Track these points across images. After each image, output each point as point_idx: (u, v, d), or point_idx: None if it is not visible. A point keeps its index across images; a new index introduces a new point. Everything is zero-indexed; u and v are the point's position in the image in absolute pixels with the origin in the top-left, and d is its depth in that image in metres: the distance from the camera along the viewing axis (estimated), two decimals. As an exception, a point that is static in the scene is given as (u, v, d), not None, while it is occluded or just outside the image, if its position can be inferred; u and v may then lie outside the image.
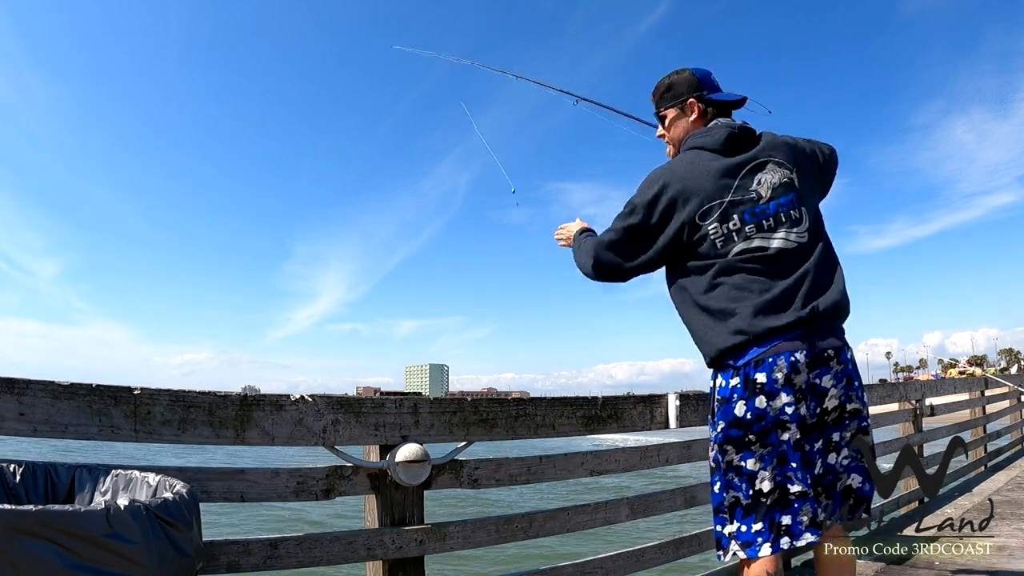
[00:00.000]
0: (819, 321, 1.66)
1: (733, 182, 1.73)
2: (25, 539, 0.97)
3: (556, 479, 2.34)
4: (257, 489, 1.71)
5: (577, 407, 2.34)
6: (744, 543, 1.64)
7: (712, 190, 1.73)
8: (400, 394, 11.42)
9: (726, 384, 1.69)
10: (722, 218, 1.71)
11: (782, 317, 1.64)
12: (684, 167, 1.77)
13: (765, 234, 1.71)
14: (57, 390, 1.44)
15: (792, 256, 1.70)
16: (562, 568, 2.22)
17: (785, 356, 1.62)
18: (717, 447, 1.71)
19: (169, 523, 1.14)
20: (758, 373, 1.63)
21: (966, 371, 70.08)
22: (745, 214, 1.71)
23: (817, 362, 1.64)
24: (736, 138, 1.79)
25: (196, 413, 1.63)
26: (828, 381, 1.66)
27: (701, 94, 1.88)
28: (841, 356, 1.68)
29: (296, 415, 1.77)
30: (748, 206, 1.72)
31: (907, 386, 4.70)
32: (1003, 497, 4.48)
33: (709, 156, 1.78)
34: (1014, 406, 7.01)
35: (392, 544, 1.88)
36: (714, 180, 1.74)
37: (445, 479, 2.02)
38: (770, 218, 1.72)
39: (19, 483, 1.39)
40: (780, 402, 1.61)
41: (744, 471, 1.65)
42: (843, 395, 1.68)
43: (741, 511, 1.66)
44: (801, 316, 1.64)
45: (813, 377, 1.64)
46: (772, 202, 1.73)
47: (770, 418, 1.62)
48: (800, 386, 1.62)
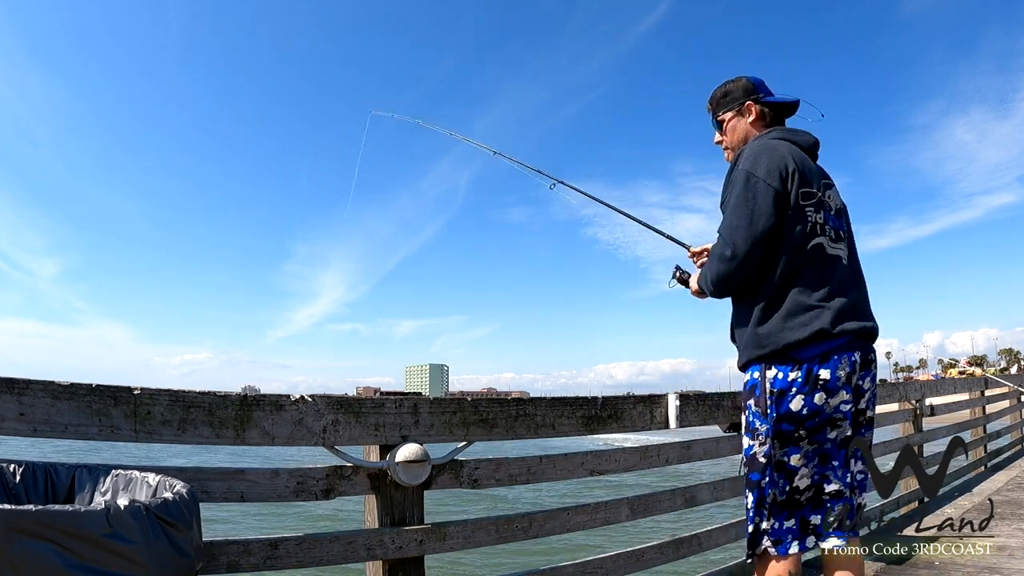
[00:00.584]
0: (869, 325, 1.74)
1: (821, 182, 1.81)
2: (25, 539, 0.97)
3: (556, 479, 2.34)
4: (257, 489, 1.71)
5: (577, 407, 2.34)
6: (776, 540, 1.66)
7: (812, 181, 1.77)
8: (400, 394, 11.42)
9: (784, 377, 1.66)
10: (816, 208, 1.75)
11: (855, 323, 1.69)
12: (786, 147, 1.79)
13: (833, 242, 1.77)
14: (57, 390, 1.44)
15: (848, 273, 1.78)
16: (562, 568, 2.22)
17: (848, 355, 1.66)
18: (769, 441, 1.68)
19: (169, 523, 1.14)
20: (823, 369, 1.63)
21: (966, 371, 70.09)
22: (827, 215, 1.78)
23: (864, 364, 1.72)
24: (815, 146, 1.90)
25: (196, 413, 1.63)
26: (868, 383, 1.75)
27: (758, 96, 1.93)
28: (875, 361, 1.79)
29: (296, 415, 1.77)
30: (826, 210, 1.79)
31: (907, 386, 4.70)
32: (1003, 497, 4.48)
33: (795, 150, 1.81)
34: (1014, 406, 7.01)
35: (392, 544, 1.88)
36: (812, 171, 1.80)
37: (445, 479, 2.02)
38: (835, 231, 1.80)
39: (19, 483, 1.39)
40: (838, 399, 1.64)
41: (786, 466, 1.66)
42: (871, 399, 1.78)
43: (777, 507, 1.66)
44: (866, 326, 1.72)
45: (857, 379, 1.71)
46: (839, 219, 1.82)
47: (824, 415, 1.63)
48: (856, 385, 1.70)
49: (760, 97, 1.93)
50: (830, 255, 1.74)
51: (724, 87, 1.99)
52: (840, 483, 1.66)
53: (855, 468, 1.72)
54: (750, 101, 1.92)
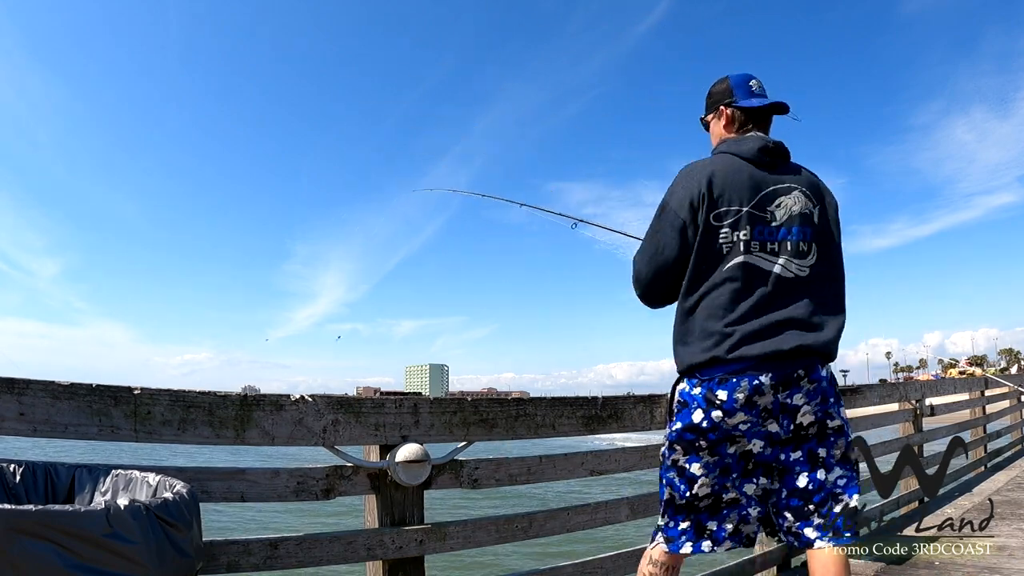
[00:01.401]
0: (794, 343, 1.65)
1: (756, 195, 1.73)
2: (25, 539, 0.97)
3: (556, 479, 2.34)
4: (257, 489, 1.71)
5: (577, 407, 2.34)
6: (668, 538, 1.74)
7: (736, 196, 1.72)
8: (400, 394, 11.43)
9: (689, 390, 1.72)
10: (734, 225, 1.70)
11: (762, 346, 1.64)
12: (713, 166, 1.77)
13: (766, 256, 1.70)
14: (57, 390, 1.44)
15: (787, 286, 1.69)
16: (562, 568, 2.22)
17: (749, 379, 1.64)
18: (668, 444, 1.76)
19: (169, 523, 1.14)
20: (720, 390, 1.65)
21: (966, 371, 70.06)
22: (755, 230, 1.71)
23: (786, 383, 1.65)
24: (768, 151, 1.78)
25: (196, 413, 1.63)
26: (800, 399, 1.67)
27: (731, 100, 1.88)
28: (812, 375, 1.67)
29: (296, 415, 1.77)
30: (760, 224, 1.71)
31: (907, 386, 4.71)
32: (1003, 497, 4.48)
33: (735, 161, 1.77)
34: (1014, 406, 7.01)
35: (392, 544, 1.88)
36: (740, 185, 1.73)
37: (445, 479, 2.02)
38: (776, 243, 1.71)
39: (19, 483, 1.39)
40: (737, 420, 1.66)
41: (687, 473, 1.72)
42: (819, 411, 1.69)
43: (673, 509, 1.74)
44: (781, 350, 1.64)
45: (784, 397, 1.66)
46: (783, 228, 1.72)
47: (723, 430, 1.68)
48: (766, 406, 1.65)
49: (733, 101, 1.88)
50: (760, 271, 1.69)
51: (711, 88, 1.97)
52: (736, 492, 1.72)
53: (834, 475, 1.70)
54: (722, 105, 1.90)
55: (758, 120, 1.87)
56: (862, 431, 3.73)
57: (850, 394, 3.45)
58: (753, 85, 1.89)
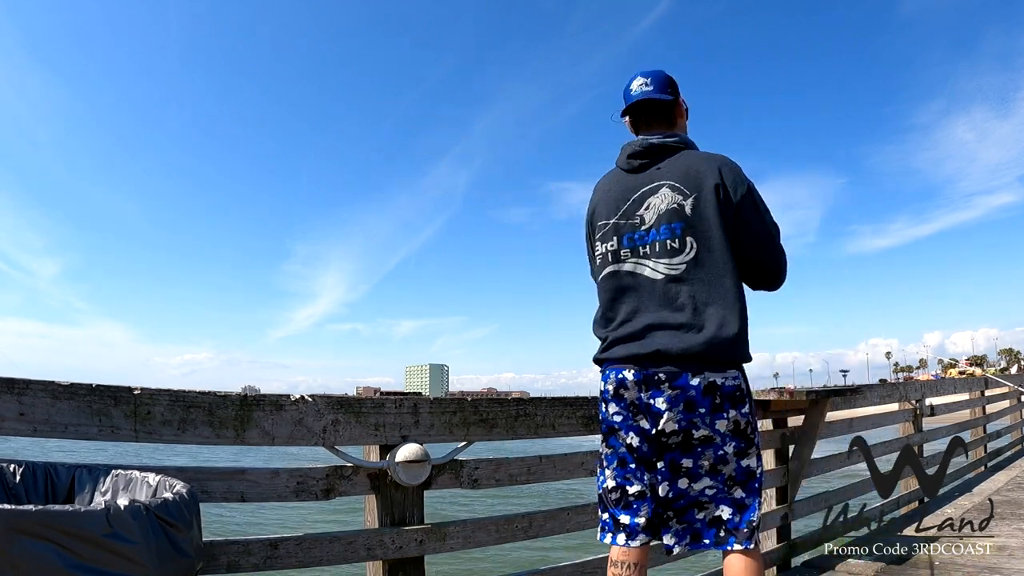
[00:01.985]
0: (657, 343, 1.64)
1: (624, 204, 1.75)
2: (25, 539, 0.97)
3: (556, 479, 2.34)
4: (257, 489, 1.71)
5: (577, 407, 2.34)
6: (600, 528, 1.79)
7: (605, 210, 1.79)
8: (400, 394, 11.42)
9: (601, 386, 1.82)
10: (604, 239, 1.78)
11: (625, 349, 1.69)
12: (597, 186, 1.89)
13: (639, 260, 1.71)
14: (57, 390, 1.44)
15: (657, 289, 1.68)
16: (562, 568, 2.22)
17: (616, 371, 1.72)
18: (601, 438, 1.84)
19: (169, 523, 1.14)
20: (602, 382, 1.78)
21: (966, 371, 69.93)
22: (624, 238, 1.74)
23: (648, 383, 1.65)
24: (638, 155, 1.77)
25: (196, 413, 1.63)
26: (661, 403, 1.63)
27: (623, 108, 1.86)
28: (677, 382, 1.62)
29: (296, 415, 1.77)
30: (629, 231, 1.73)
31: (907, 386, 4.71)
32: (1003, 497, 4.48)
33: (616, 174, 1.83)
34: (1014, 406, 7.01)
35: (392, 544, 1.88)
36: (610, 199, 1.79)
37: (445, 479, 2.02)
38: (647, 245, 1.70)
39: (19, 483, 1.39)
40: (611, 410, 1.74)
41: (601, 466, 1.80)
42: (683, 420, 1.63)
43: (599, 500, 1.80)
44: (639, 354, 1.66)
45: (647, 397, 1.66)
46: (652, 230, 1.70)
47: (608, 422, 1.76)
48: (632, 401, 1.69)
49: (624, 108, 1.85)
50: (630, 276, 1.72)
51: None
52: (640, 484, 1.69)
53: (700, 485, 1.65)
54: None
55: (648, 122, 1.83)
56: (862, 431, 3.73)
57: (850, 394, 3.45)
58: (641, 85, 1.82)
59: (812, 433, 3.17)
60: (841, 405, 3.35)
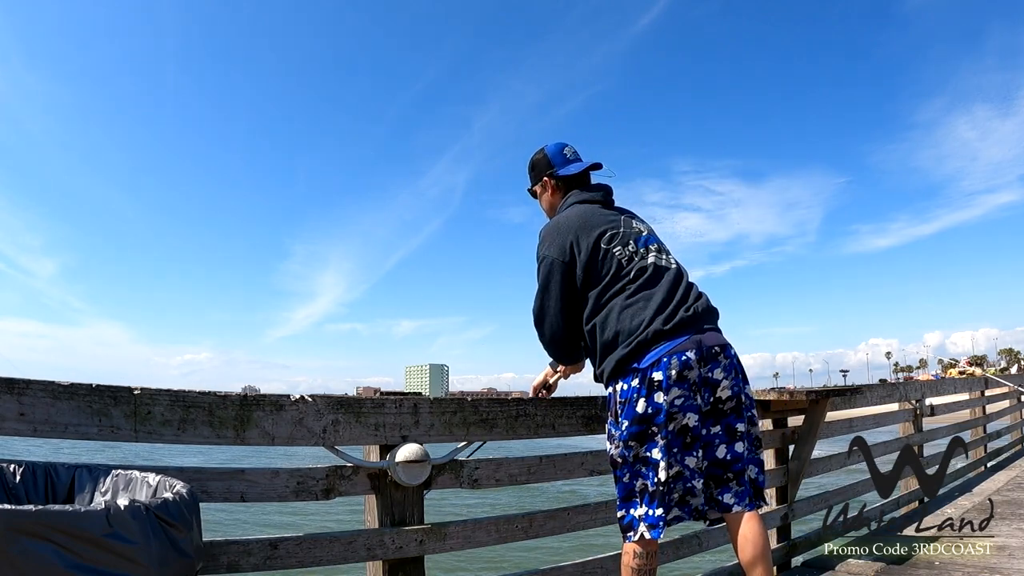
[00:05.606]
0: (701, 322, 1.94)
1: (619, 219, 2.10)
2: (25, 539, 0.97)
3: (556, 479, 2.34)
4: (257, 489, 1.71)
5: (577, 407, 2.34)
6: (651, 525, 1.87)
7: (606, 222, 2.06)
8: (400, 394, 11.40)
9: (628, 387, 1.92)
10: (623, 242, 2.03)
11: (671, 320, 1.90)
12: (576, 213, 2.09)
13: (656, 254, 2.04)
14: (57, 390, 1.44)
15: (668, 273, 2.01)
16: (562, 568, 2.22)
17: (678, 356, 1.87)
18: (622, 444, 1.92)
19: (169, 523, 1.14)
20: (655, 372, 1.87)
21: (966, 371, 69.98)
22: (631, 240, 2.05)
23: (708, 358, 1.91)
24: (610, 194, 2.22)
25: (196, 413, 1.63)
26: (719, 373, 1.92)
27: (552, 171, 2.21)
28: (728, 352, 1.96)
29: (296, 415, 1.77)
30: (636, 235, 2.07)
31: (907, 386, 4.71)
32: (1003, 497, 4.49)
33: (594, 206, 2.13)
34: (1014, 406, 7.02)
35: (392, 544, 1.88)
36: (606, 217, 2.09)
37: (445, 479, 2.02)
38: (653, 244, 2.07)
39: (19, 483, 1.39)
40: (673, 395, 1.86)
41: (651, 460, 1.87)
42: (735, 386, 1.94)
43: (648, 496, 1.88)
44: (684, 317, 1.91)
45: (706, 372, 1.90)
46: (644, 235, 2.09)
47: (665, 411, 1.85)
48: (694, 380, 1.88)
49: (554, 171, 2.20)
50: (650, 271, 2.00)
51: (531, 159, 2.28)
52: (680, 465, 1.88)
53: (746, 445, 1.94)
54: (546, 177, 2.22)
55: (580, 183, 2.20)
56: (862, 431, 3.73)
57: (850, 394, 3.45)
58: (567, 152, 2.22)
59: (812, 433, 3.18)
60: (841, 405, 3.35)
